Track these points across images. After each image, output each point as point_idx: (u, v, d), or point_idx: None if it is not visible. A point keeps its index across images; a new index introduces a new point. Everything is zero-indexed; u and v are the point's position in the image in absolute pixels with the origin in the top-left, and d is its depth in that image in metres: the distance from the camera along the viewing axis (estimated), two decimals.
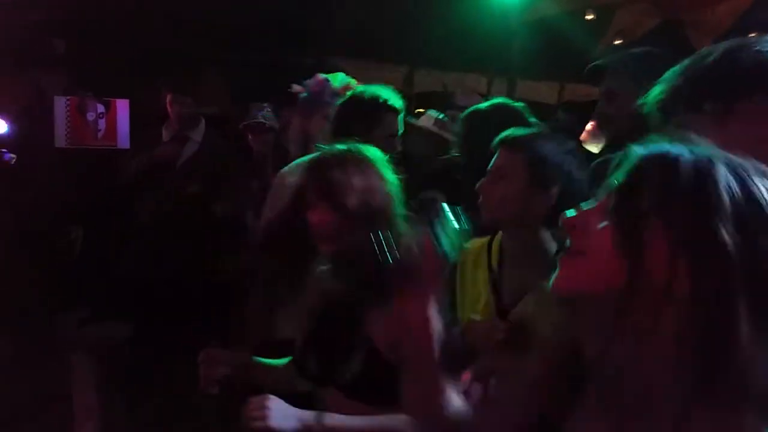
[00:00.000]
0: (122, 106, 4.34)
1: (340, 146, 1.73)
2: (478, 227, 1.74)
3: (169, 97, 3.95)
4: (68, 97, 4.18)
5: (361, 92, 2.49)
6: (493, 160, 1.79)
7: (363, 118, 2.38)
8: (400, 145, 2.51)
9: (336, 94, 2.70)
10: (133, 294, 3.72)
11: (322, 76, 2.89)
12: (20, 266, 4.07)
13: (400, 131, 2.50)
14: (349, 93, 2.52)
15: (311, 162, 1.75)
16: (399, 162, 2.24)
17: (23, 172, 4.51)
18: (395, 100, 2.47)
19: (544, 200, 1.71)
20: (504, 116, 2.29)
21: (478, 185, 1.79)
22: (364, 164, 1.67)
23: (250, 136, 3.99)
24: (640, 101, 1.23)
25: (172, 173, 3.84)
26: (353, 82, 2.82)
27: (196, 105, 3.96)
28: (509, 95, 4.22)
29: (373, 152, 1.74)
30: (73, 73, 4.51)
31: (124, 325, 3.92)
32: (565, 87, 6.32)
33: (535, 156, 1.71)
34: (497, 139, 1.81)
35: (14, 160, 4.42)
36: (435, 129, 3.02)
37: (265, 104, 3.84)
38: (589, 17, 5.05)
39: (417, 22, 4.55)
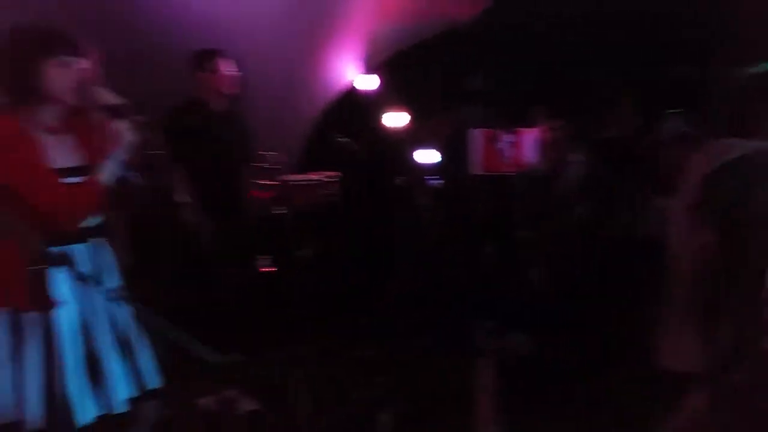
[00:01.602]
0: (530, 136, 4.74)
1: None
2: None
3: (543, 125, 4.04)
4: (483, 129, 4.78)
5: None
6: None
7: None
8: None
9: None
10: (540, 310, 4.00)
11: None
12: (444, 276, 4.76)
13: None
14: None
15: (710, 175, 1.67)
16: None
17: (447, 195, 5.29)
18: None
19: None
20: None
21: None
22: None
23: (661, 150, 3.76)
24: None
25: (557, 197, 3.96)
26: None
27: (574, 129, 4.00)
28: None
29: None
30: (488, 107, 5.09)
31: (530, 338, 4.23)
32: None
33: None
34: None
35: (443, 185, 5.22)
36: None
37: (681, 115, 3.63)
38: None
39: None
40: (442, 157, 4.98)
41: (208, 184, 3.69)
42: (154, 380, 2.32)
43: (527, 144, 4.58)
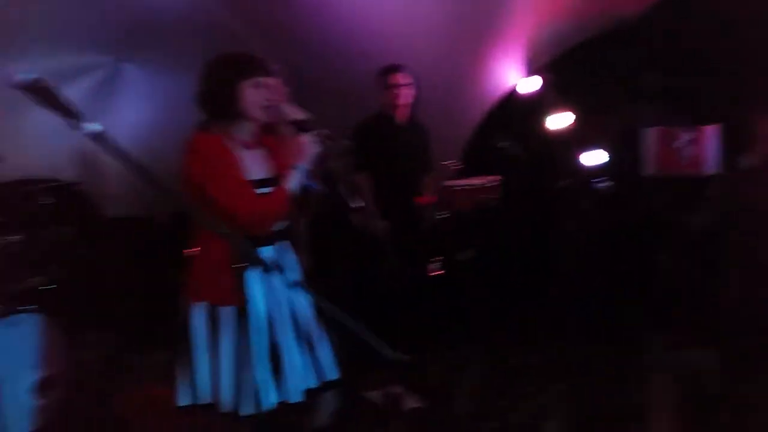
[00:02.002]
0: (711, 133, 4.46)
1: None
2: None
3: (762, 120, 3.79)
4: (658, 128, 4.56)
5: None
6: None
7: None
8: None
9: None
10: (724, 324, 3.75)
11: None
12: (614, 284, 4.59)
13: None
14: None
15: None
16: None
17: (615, 197, 5.09)
18: None
19: None
20: None
21: None
22: None
23: None
24: None
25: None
26: None
27: None
28: None
29: None
30: (665, 104, 4.84)
31: (711, 353, 3.99)
32: None
33: None
34: None
35: (609, 187, 5.04)
36: None
37: None
38: None
39: None
40: (609, 158, 4.84)
41: (391, 192, 3.99)
42: (331, 373, 2.50)
43: (711, 142, 4.30)
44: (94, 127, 1.58)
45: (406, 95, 4.09)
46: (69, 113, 1.59)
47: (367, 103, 4.21)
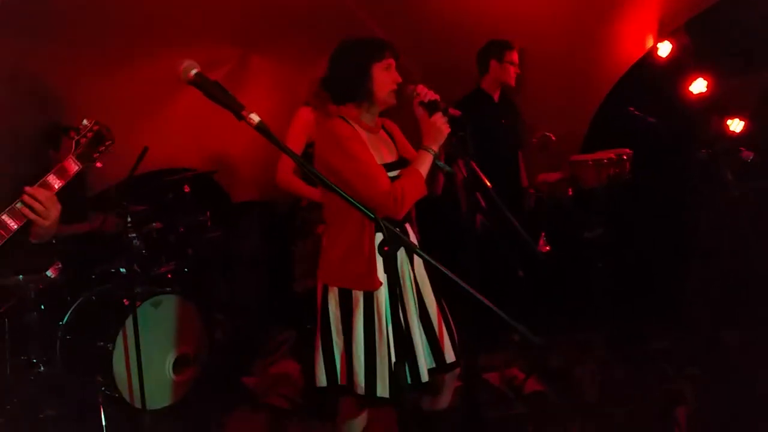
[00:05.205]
0: None
1: None
2: None
3: None
4: None
5: None
6: None
7: None
8: None
9: None
10: None
11: None
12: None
13: None
14: None
15: None
16: None
17: (759, 168, 4.87)
18: None
19: None
20: None
21: None
22: None
23: None
24: None
25: None
26: None
27: None
28: None
29: None
30: None
31: None
32: None
33: None
34: None
35: (752, 158, 4.82)
36: None
37: None
38: None
39: None
40: (754, 124, 4.67)
41: (490, 170, 4.10)
42: (450, 355, 2.62)
43: None
44: (254, 117, 1.80)
45: (514, 76, 4.17)
46: (232, 105, 1.81)
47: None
